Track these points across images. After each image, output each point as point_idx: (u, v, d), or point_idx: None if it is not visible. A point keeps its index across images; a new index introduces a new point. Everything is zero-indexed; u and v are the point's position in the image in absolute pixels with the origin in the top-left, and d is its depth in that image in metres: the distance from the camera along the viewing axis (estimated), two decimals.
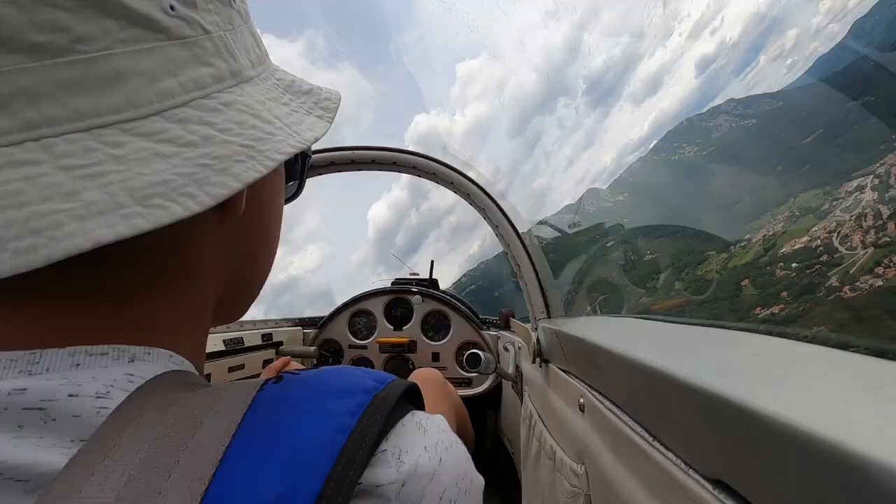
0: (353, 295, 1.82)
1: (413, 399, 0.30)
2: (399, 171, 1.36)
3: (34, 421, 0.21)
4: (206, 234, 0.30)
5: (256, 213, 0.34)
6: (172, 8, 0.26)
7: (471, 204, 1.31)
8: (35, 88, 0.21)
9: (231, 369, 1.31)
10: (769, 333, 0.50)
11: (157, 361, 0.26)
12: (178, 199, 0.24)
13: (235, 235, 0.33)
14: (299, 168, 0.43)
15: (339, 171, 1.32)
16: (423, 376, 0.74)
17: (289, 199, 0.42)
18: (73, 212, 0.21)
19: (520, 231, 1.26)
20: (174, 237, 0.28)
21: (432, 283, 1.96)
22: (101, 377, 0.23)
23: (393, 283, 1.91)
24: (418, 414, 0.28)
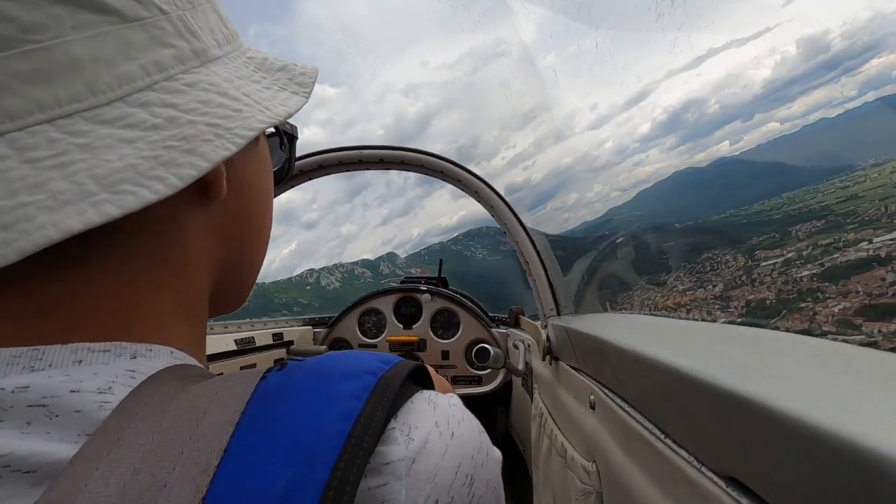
0: (363, 294, 1.83)
1: (420, 380, 0.29)
2: (407, 170, 1.36)
3: (40, 417, 0.21)
4: (191, 220, 0.30)
5: (242, 197, 0.34)
6: None
7: (479, 202, 1.31)
8: None
9: (243, 368, 1.32)
10: (782, 330, 0.50)
11: (158, 357, 0.26)
12: (147, 184, 0.24)
13: (222, 220, 0.32)
14: (286, 150, 0.42)
15: (348, 170, 1.33)
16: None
17: (278, 182, 0.41)
18: (41, 203, 0.21)
19: (528, 229, 1.25)
20: (157, 225, 0.28)
21: (441, 281, 1.95)
22: (102, 373, 0.23)
23: (402, 282, 1.92)
24: (427, 392, 0.28)
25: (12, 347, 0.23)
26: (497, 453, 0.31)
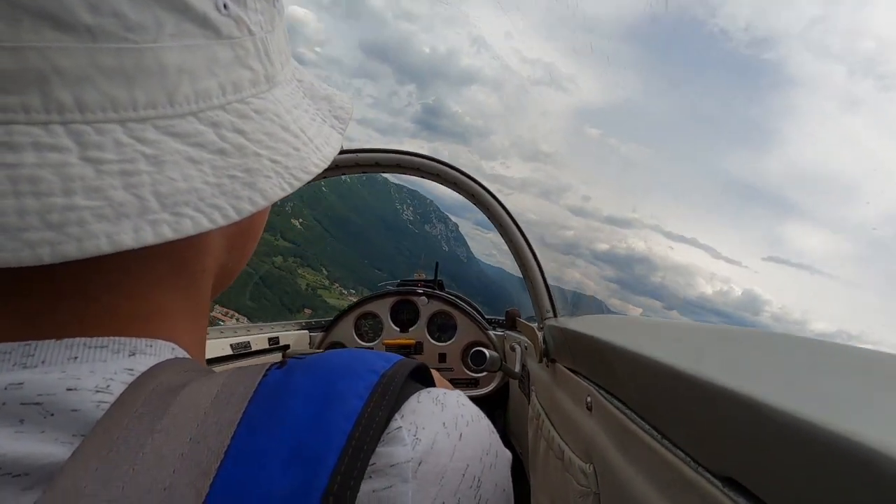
0: (360, 298, 1.83)
1: (423, 379, 0.29)
2: (403, 173, 1.36)
3: (33, 416, 0.20)
4: (216, 229, 0.30)
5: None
6: (225, 6, 0.25)
7: (475, 205, 1.31)
8: (74, 70, 0.20)
9: None
10: (780, 332, 0.50)
11: (158, 354, 0.26)
12: (206, 210, 0.23)
13: (236, 230, 0.33)
14: None
15: (343, 174, 1.33)
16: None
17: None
18: (98, 210, 0.20)
19: (526, 234, 1.25)
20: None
21: (438, 283, 1.95)
22: (100, 371, 0.22)
23: (399, 285, 1.92)
24: (434, 390, 0.27)
25: (3, 343, 0.22)
26: (507, 454, 0.30)
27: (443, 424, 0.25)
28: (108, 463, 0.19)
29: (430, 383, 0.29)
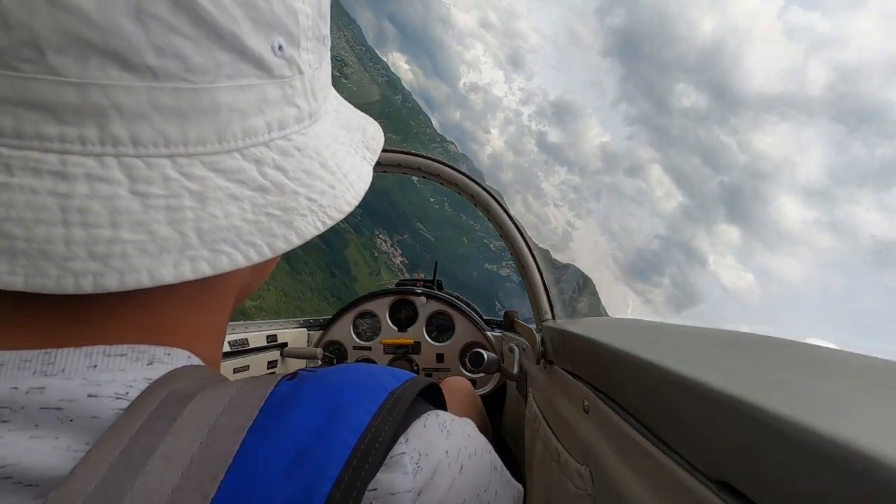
0: (358, 296, 1.83)
1: (434, 399, 0.29)
2: (404, 173, 1.36)
3: (51, 421, 0.20)
4: None
5: None
6: (280, 48, 0.25)
7: (475, 205, 1.31)
8: (132, 107, 0.21)
9: (236, 370, 1.32)
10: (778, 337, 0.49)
11: (175, 363, 0.26)
12: (242, 248, 0.24)
13: None
14: None
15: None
16: (454, 385, 0.72)
17: None
18: (141, 244, 0.21)
19: (525, 234, 1.25)
20: None
21: (437, 283, 1.96)
22: (119, 379, 0.23)
23: (397, 285, 1.92)
24: (443, 415, 0.27)
25: (22, 350, 0.22)
26: (512, 490, 0.30)
27: (445, 453, 0.26)
28: (119, 464, 0.20)
29: (440, 402, 0.29)
